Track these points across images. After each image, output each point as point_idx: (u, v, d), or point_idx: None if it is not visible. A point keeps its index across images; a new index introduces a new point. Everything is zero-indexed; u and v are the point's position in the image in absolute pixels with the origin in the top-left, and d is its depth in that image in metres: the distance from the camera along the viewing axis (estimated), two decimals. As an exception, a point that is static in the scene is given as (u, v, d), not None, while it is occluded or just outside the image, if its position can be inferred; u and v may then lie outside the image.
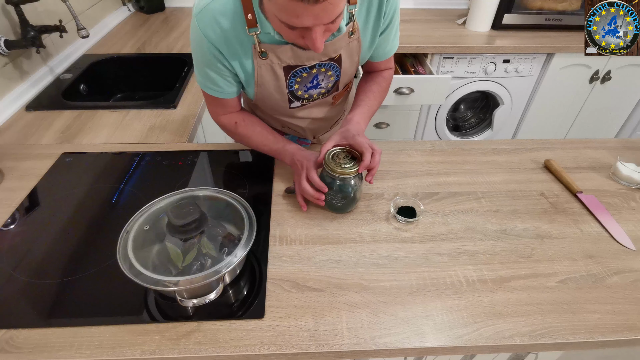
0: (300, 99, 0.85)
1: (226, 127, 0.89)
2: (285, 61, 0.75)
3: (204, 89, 0.81)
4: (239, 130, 0.87)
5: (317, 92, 0.85)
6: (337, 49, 0.76)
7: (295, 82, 0.80)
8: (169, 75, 1.47)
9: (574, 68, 1.84)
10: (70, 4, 1.25)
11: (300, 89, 0.82)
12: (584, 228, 0.78)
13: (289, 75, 0.78)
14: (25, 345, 0.57)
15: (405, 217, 0.78)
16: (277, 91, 0.81)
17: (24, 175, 0.90)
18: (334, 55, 0.77)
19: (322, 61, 0.78)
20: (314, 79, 0.81)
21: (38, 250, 0.72)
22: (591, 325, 0.61)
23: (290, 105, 0.86)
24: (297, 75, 0.79)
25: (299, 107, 0.88)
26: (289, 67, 0.76)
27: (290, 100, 0.84)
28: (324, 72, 0.80)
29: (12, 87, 1.21)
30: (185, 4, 2.12)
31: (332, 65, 0.79)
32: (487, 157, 0.97)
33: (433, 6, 2.17)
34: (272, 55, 0.74)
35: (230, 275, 0.65)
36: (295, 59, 0.75)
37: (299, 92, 0.83)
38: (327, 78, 0.82)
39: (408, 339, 0.59)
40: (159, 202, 0.70)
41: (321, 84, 0.83)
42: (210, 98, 0.83)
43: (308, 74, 0.79)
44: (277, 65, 0.75)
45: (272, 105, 0.86)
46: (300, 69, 0.77)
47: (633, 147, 1.01)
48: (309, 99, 0.86)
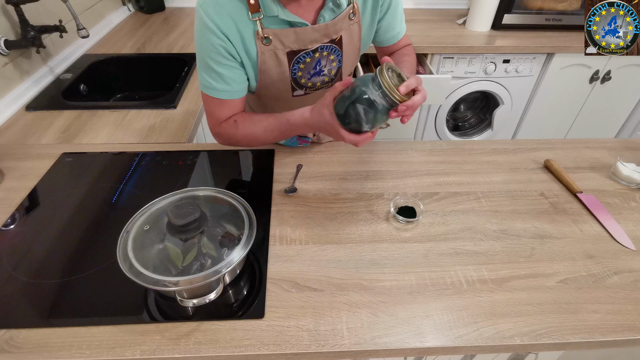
0: (304, 87, 0.85)
1: (227, 132, 0.84)
2: (289, 46, 0.76)
3: (210, 92, 0.78)
4: (240, 129, 0.83)
5: (321, 79, 0.85)
6: (338, 29, 0.78)
7: (299, 69, 0.80)
8: (169, 75, 1.47)
9: (574, 68, 1.84)
10: (70, 4, 1.25)
11: (304, 76, 0.82)
12: (584, 228, 0.78)
13: (293, 62, 0.79)
14: (25, 345, 0.57)
15: (405, 217, 0.78)
16: (280, 79, 0.81)
17: (24, 175, 0.90)
18: (335, 37, 0.78)
19: (324, 43, 0.78)
20: (317, 65, 0.81)
21: (38, 250, 0.72)
22: (591, 325, 0.61)
23: (293, 94, 0.85)
24: (301, 61, 0.79)
25: (302, 95, 0.87)
26: (293, 53, 0.77)
27: (293, 87, 0.84)
28: (326, 55, 0.81)
29: (12, 87, 1.21)
30: (185, 4, 2.13)
31: (334, 48, 0.80)
32: (487, 157, 0.97)
33: (433, 6, 2.17)
34: (276, 41, 0.74)
35: (230, 275, 0.65)
36: (299, 43, 0.76)
37: (303, 80, 0.83)
38: (330, 63, 0.83)
39: (408, 339, 0.59)
40: (159, 202, 0.70)
41: (324, 70, 0.83)
42: (214, 104, 0.80)
43: (311, 59, 0.80)
44: (280, 50, 0.76)
45: (275, 94, 0.85)
46: (304, 53, 0.78)
47: (633, 147, 1.01)
48: (312, 87, 0.86)
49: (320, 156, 0.96)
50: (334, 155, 0.97)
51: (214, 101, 0.80)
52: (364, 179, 0.89)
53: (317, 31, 0.76)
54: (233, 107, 0.82)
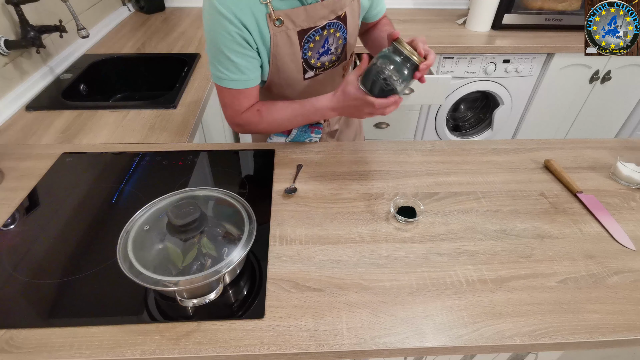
0: (314, 68, 0.87)
1: (250, 122, 0.85)
2: (299, 24, 0.78)
3: (226, 84, 0.78)
4: (264, 117, 0.85)
5: (329, 59, 0.87)
6: (343, 5, 0.81)
7: (309, 49, 0.82)
8: (169, 75, 1.47)
9: (574, 68, 1.84)
10: (70, 4, 1.25)
11: (314, 56, 0.84)
12: (584, 228, 0.78)
13: (303, 41, 0.80)
14: (25, 345, 0.57)
15: (405, 217, 0.78)
16: (292, 60, 0.82)
17: (24, 175, 0.90)
18: (340, 13, 0.82)
19: (331, 20, 0.81)
20: (325, 43, 0.84)
21: (38, 250, 0.72)
22: (591, 325, 0.61)
23: (305, 76, 0.87)
24: (310, 40, 0.81)
25: (312, 77, 0.88)
26: (303, 32, 0.79)
27: (304, 69, 0.85)
28: (332, 33, 0.83)
29: (12, 87, 1.21)
30: (185, 4, 2.13)
31: (339, 25, 0.84)
32: (487, 157, 0.97)
33: (433, 6, 2.17)
34: (287, 21, 0.76)
35: (230, 275, 0.65)
36: (308, 21, 0.78)
37: (312, 60, 0.85)
38: (336, 41, 0.86)
39: (408, 339, 0.59)
40: (159, 202, 0.70)
41: (331, 48, 0.86)
42: (231, 95, 0.80)
43: (320, 37, 0.82)
44: (292, 30, 0.77)
45: (287, 78, 0.86)
46: (313, 32, 0.80)
47: (633, 147, 1.01)
48: (321, 67, 0.88)
49: (320, 156, 0.96)
50: (334, 155, 0.97)
51: (231, 92, 0.80)
52: (364, 179, 0.89)
53: (326, 7, 0.79)
54: (251, 96, 0.83)
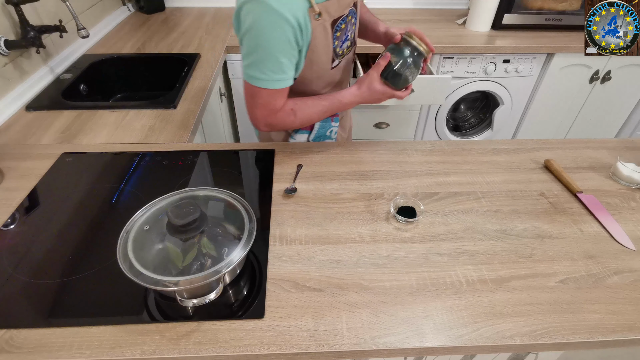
0: (338, 56, 0.89)
1: (284, 121, 0.86)
2: (333, 14, 0.80)
3: (268, 85, 0.77)
4: (299, 115, 0.87)
5: (347, 45, 0.90)
6: None
7: (336, 38, 0.85)
8: (169, 75, 1.47)
9: (574, 68, 1.84)
10: (70, 4, 1.25)
11: (339, 45, 0.87)
12: (584, 228, 0.78)
13: (333, 31, 0.82)
14: (25, 345, 0.57)
15: (405, 217, 0.78)
16: (325, 52, 0.84)
17: (24, 175, 0.90)
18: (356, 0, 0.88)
19: (351, 7, 0.86)
20: (346, 30, 0.87)
21: (38, 250, 0.72)
22: (591, 325, 0.61)
23: (332, 65, 0.89)
24: (338, 29, 0.83)
25: (336, 67, 0.91)
26: (334, 22, 0.81)
27: (332, 59, 0.88)
28: (350, 20, 0.87)
29: (12, 87, 1.21)
30: (185, 4, 2.12)
31: (354, 11, 0.88)
32: (487, 157, 0.97)
33: (433, 6, 2.17)
34: (325, 13, 0.78)
35: (230, 275, 0.65)
36: (339, 10, 0.81)
37: (337, 49, 0.87)
38: (352, 27, 0.90)
39: (408, 339, 0.59)
40: (159, 202, 0.70)
41: (348, 34, 0.89)
42: (269, 95, 0.79)
43: (345, 24, 0.85)
44: (327, 22, 0.79)
45: (317, 70, 0.87)
46: (340, 20, 0.82)
47: (633, 147, 1.01)
48: (341, 55, 0.90)
49: (320, 156, 0.96)
50: (334, 155, 0.97)
51: (269, 92, 0.79)
52: (364, 179, 0.89)
53: None
54: (285, 95, 0.83)
